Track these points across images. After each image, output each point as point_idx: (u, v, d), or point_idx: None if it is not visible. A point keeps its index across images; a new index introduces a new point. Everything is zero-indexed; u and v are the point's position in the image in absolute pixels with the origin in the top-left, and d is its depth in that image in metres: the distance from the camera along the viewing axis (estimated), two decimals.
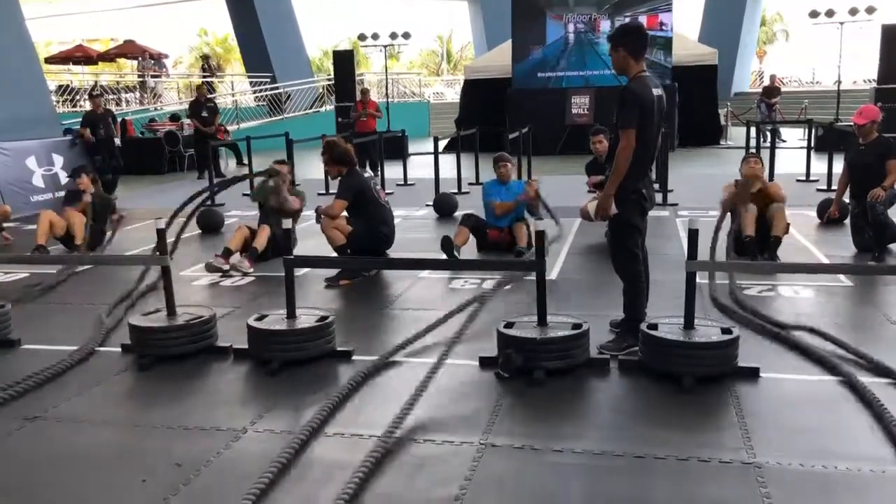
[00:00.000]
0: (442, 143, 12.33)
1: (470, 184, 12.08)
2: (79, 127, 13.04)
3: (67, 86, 22.01)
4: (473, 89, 19.85)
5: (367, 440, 3.37)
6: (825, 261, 6.63)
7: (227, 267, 6.66)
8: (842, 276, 5.94)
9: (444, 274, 6.44)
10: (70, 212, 7.81)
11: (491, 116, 17.55)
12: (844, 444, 3.26)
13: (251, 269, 6.68)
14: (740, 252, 6.54)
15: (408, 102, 26.61)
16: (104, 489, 3.07)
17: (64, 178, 11.56)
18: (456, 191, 11.16)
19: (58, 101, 19.60)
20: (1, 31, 14.62)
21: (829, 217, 7.92)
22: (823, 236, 7.62)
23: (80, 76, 25.65)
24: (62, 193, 10.85)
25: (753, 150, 11.40)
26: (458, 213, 8.99)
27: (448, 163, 12.39)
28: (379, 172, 12.04)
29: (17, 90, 14.75)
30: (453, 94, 33.28)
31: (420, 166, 13.54)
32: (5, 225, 8.65)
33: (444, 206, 9.69)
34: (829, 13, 19.71)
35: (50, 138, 12.69)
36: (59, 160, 11.74)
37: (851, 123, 7.35)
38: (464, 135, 13.13)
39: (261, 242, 6.91)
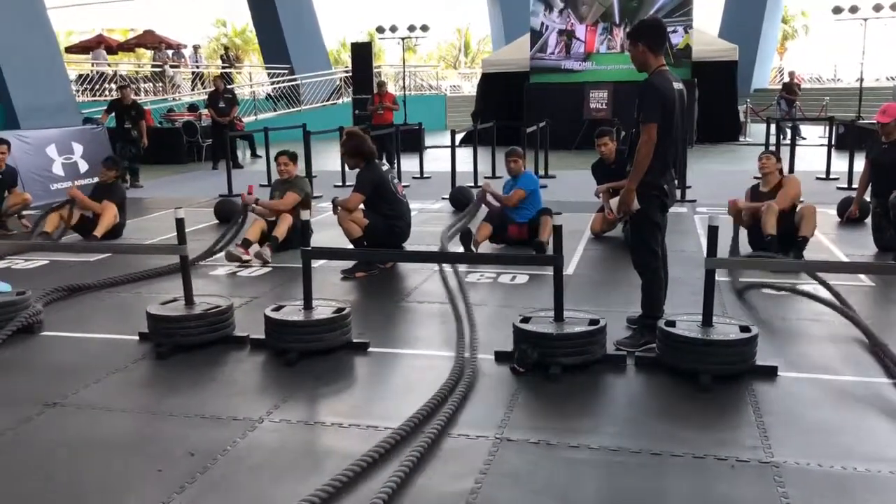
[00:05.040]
0: (458, 137, 12.30)
1: (486, 177, 12.06)
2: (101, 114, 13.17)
3: (87, 75, 22.13)
4: (490, 83, 19.79)
5: (384, 432, 3.38)
6: (845, 260, 6.57)
7: (246, 257, 6.69)
8: (862, 276, 5.88)
9: (460, 267, 6.43)
10: (105, 203, 7.87)
11: (508, 110, 17.51)
12: (863, 444, 3.23)
13: (271, 259, 6.70)
14: (758, 251, 6.49)
15: (424, 95, 26.58)
16: (121, 476, 3.09)
17: (84, 166, 11.65)
18: (472, 184, 11.14)
19: (77, 91, 19.71)
20: (23, 21, 14.77)
21: (849, 216, 7.85)
22: (844, 235, 7.54)
23: (100, 66, 25.77)
24: (81, 182, 10.92)
25: (772, 147, 11.28)
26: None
27: (465, 156, 12.39)
28: (395, 165, 12.03)
29: (38, 79, 14.91)
30: (470, 88, 33.24)
31: (436, 159, 13.53)
32: (24, 212, 8.73)
33: (459, 200, 9.67)
34: (853, 9, 19.46)
35: (70, 127, 12.78)
36: (78, 149, 11.81)
37: (874, 122, 7.27)
38: (481, 128, 13.10)
39: (281, 231, 6.92)
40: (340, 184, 11.49)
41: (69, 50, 26.18)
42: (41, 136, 11.38)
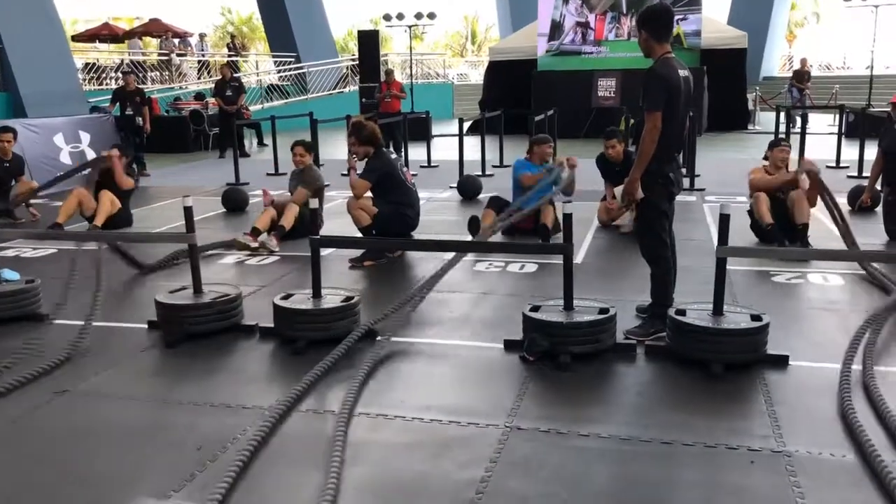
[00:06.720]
0: (466, 125, 12.26)
1: (494, 166, 12.01)
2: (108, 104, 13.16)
3: (94, 64, 22.12)
4: (498, 71, 19.71)
5: (393, 420, 3.37)
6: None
7: (255, 245, 6.68)
8: (873, 264, 5.83)
9: (468, 256, 6.40)
10: (102, 192, 7.82)
11: (515, 98, 17.44)
12: (876, 433, 3.21)
13: (277, 248, 6.70)
14: (764, 241, 6.45)
15: (431, 83, 26.49)
16: (132, 464, 3.09)
17: (91, 155, 11.66)
18: (480, 173, 11.10)
19: (84, 79, 19.70)
20: (29, 9, 14.75)
21: (860, 204, 7.79)
22: (854, 224, 7.46)
23: (107, 54, 25.78)
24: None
25: (783, 136, 11.20)
26: (483, 196, 8.95)
27: (472, 145, 12.34)
28: (403, 154, 12.00)
29: (44, 68, 14.90)
30: (477, 76, 33.11)
31: (444, 148, 13.49)
32: (32, 201, 8.73)
33: (467, 189, 9.64)
34: None
35: (77, 115, 12.79)
36: (85, 137, 11.84)
37: (888, 108, 7.21)
38: (488, 117, 13.06)
39: (288, 220, 6.92)
40: (347, 172, 11.45)
41: (75, 38, 26.16)
42: (48, 124, 11.40)
